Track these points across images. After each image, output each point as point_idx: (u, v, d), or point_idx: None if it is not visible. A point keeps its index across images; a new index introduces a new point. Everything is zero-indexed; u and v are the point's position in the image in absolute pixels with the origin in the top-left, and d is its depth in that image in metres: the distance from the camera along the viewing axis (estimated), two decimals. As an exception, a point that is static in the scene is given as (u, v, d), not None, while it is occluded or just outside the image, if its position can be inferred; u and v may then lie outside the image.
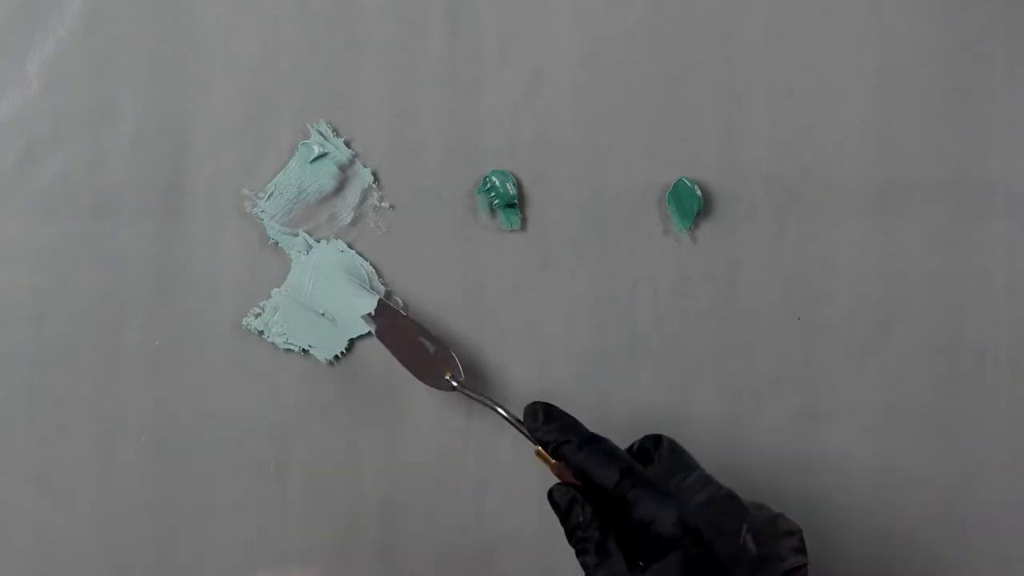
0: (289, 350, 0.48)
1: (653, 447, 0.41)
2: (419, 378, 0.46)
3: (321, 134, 0.48)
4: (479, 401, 0.45)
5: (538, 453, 0.41)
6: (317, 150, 0.48)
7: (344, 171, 0.48)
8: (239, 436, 0.48)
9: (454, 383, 0.46)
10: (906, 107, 0.49)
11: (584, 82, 0.49)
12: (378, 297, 0.47)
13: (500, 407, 0.44)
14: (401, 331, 0.46)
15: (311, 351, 0.48)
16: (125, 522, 0.48)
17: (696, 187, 0.48)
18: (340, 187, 0.48)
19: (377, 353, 0.48)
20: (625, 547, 0.37)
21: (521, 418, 0.42)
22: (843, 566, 0.49)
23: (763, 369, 0.49)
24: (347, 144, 0.48)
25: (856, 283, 0.49)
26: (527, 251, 0.49)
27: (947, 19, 0.49)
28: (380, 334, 0.46)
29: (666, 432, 0.42)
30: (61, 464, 0.48)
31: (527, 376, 0.48)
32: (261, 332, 0.48)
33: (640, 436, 0.42)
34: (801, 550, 0.38)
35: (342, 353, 0.48)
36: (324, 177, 0.48)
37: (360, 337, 0.48)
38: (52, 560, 0.48)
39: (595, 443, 0.39)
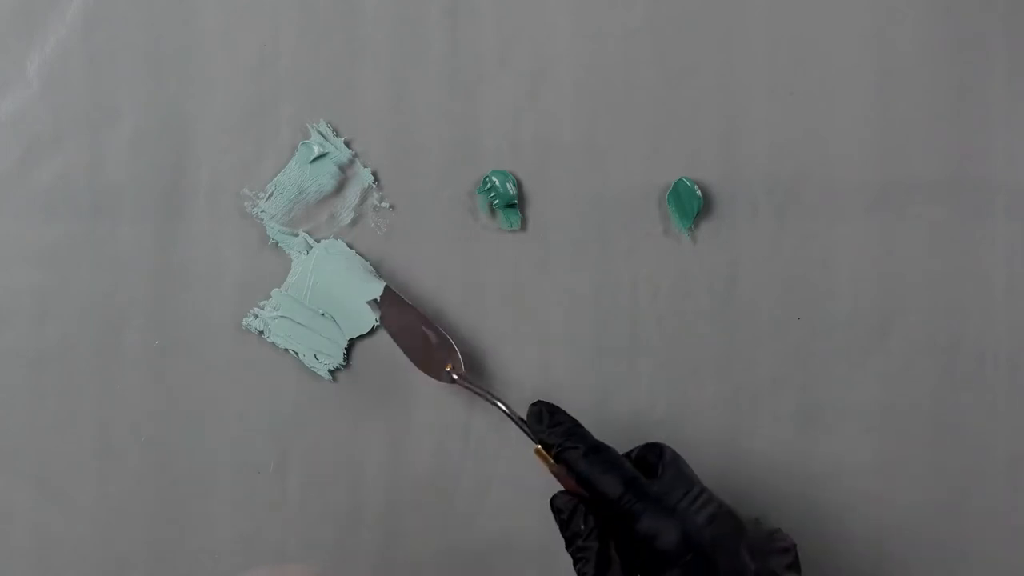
0: (289, 350, 0.48)
1: (655, 458, 0.40)
2: (420, 368, 0.46)
3: (321, 134, 0.48)
4: (479, 395, 0.45)
5: (537, 452, 0.41)
6: (317, 150, 0.48)
7: (344, 171, 0.48)
8: (239, 436, 0.48)
9: (455, 375, 0.46)
10: (906, 107, 0.49)
11: (584, 82, 0.49)
12: (384, 283, 0.47)
13: (500, 402, 0.44)
14: (405, 320, 0.46)
15: (313, 369, 0.48)
16: (125, 522, 0.48)
17: (696, 187, 0.48)
18: (340, 187, 0.48)
19: (377, 353, 0.48)
20: (624, 558, 0.37)
21: (521, 414, 0.42)
22: (843, 566, 0.49)
23: (763, 369, 0.49)
24: (347, 144, 0.48)
25: (856, 283, 0.49)
26: (527, 251, 0.49)
27: (947, 19, 0.49)
28: (384, 321, 0.46)
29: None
30: (61, 464, 0.48)
31: (527, 376, 0.48)
32: (261, 332, 0.48)
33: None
34: (795, 566, 0.38)
35: (342, 365, 0.48)
36: (324, 177, 0.48)
37: (361, 337, 0.48)
38: (52, 560, 0.48)
39: (600, 452, 0.39)
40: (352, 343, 0.48)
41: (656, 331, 0.49)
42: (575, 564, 0.38)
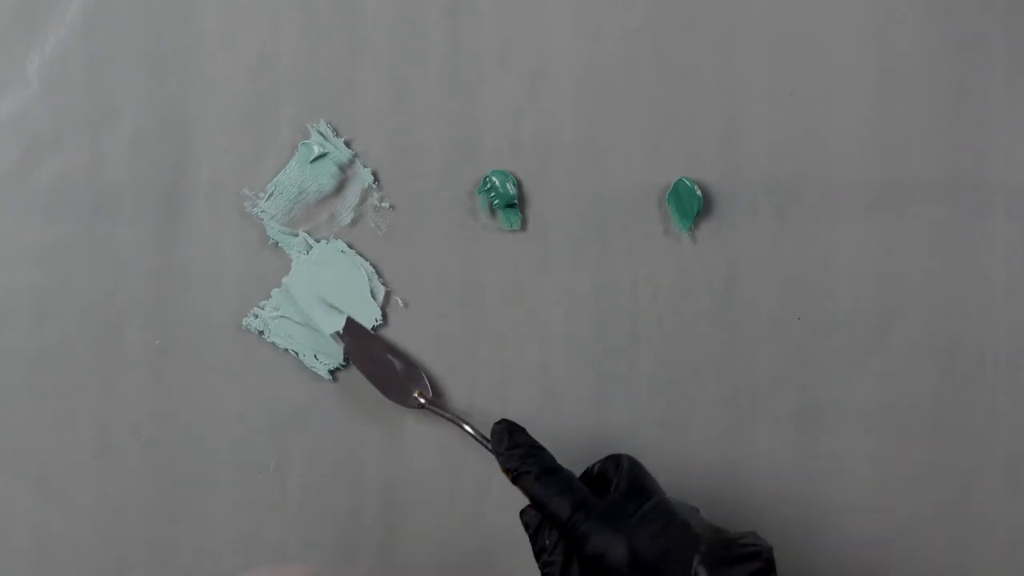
0: (289, 350, 0.48)
1: (613, 468, 0.40)
2: (387, 396, 0.47)
3: (321, 134, 0.48)
4: (447, 418, 0.46)
5: (504, 471, 0.41)
6: (317, 150, 0.48)
7: (344, 171, 0.48)
8: (239, 436, 0.48)
9: (422, 400, 0.46)
10: (906, 107, 0.49)
11: (584, 82, 0.49)
12: (346, 316, 0.47)
13: (467, 424, 0.45)
14: (369, 349, 0.47)
15: (313, 369, 0.48)
16: (125, 522, 0.48)
17: (696, 187, 0.48)
18: (340, 187, 0.48)
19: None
20: (583, 574, 0.37)
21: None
22: (843, 566, 0.49)
23: (763, 369, 0.49)
24: (347, 144, 0.48)
25: (856, 283, 0.49)
26: (527, 251, 0.49)
27: (947, 19, 0.49)
28: (349, 353, 0.47)
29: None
30: (61, 464, 0.48)
31: (527, 375, 0.48)
32: (261, 332, 0.48)
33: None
34: (762, 572, 0.37)
35: (342, 365, 0.48)
36: (324, 177, 0.48)
37: (360, 337, 0.48)
38: (52, 560, 0.48)
39: (552, 474, 0.39)
40: (352, 343, 0.48)
41: (656, 331, 0.49)
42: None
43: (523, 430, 0.42)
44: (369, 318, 0.48)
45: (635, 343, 0.49)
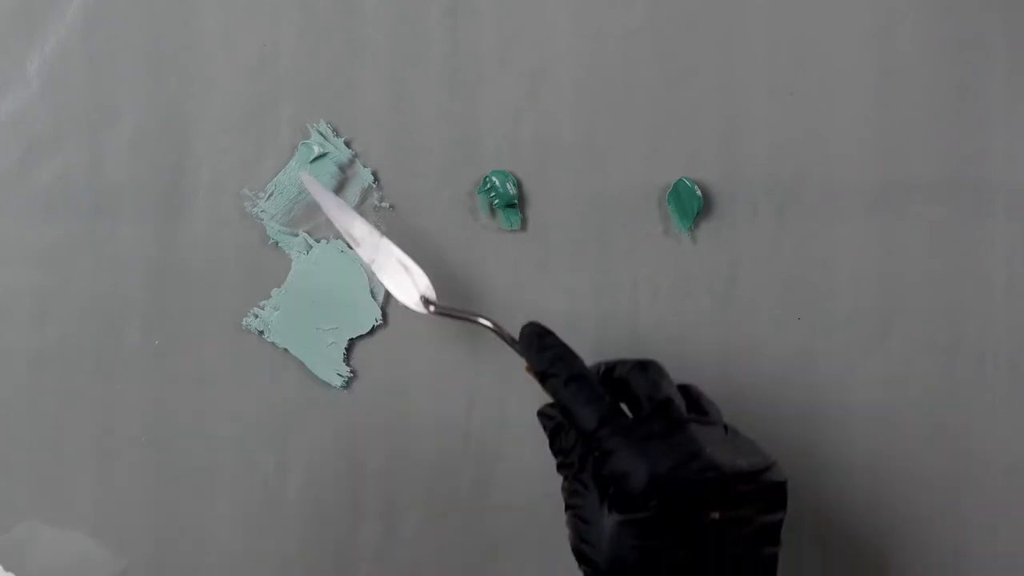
0: (288, 350, 0.48)
1: (640, 380, 0.39)
2: (397, 297, 0.45)
3: (321, 134, 0.48)
4: (460, 317, 0.44)
5: (527, 369, 0.41)
6: (317, 150, 0.48)
7: (344, 171, 0.48)
8: (239, 436, 0.48)
9: (431, 306, 0.45)
10: (906, 107, 0.49)
11: (584, 82, 0.49)
12: (361, 218, 0.46)
13: (481, 318, 0.43)
14: (379, 253, 0.46)
15: (313, 368, 0.48)
16: (125, 522, 0.48)
17: (696, 187, 0.48)
18: (340, 187, 0.48)
19: (378, 353, 0.48)
20: (599, 488, 0.37)
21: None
22: (843, 566, 0.49)
23: (763, 369, 0.49)
24: (347, 144, 0.48)
25: (856, 283, 0.49)
26: (527, 251, 0.49)
27: (947, 19, 0.49)
28: (363, 254, 0.46)
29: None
30: (61, 464, 0.48)
31: (527, 375, 0.48)
32: (261, 332, 0.48)
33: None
34: (774, 507, 0.37)
35: (342, 365, 0.48)
36: (324, 177, 0.48)
37: (361, 337, 0.48)
38: (52, 560, 0.48)
39: (580, 381, 0.38)
40: (352, 343, 0.48)
41: (656, 331, 0.49)
42: (562, 483, 0.38)
43: (552, 333, 0.41)
44: (369, 318, 0.48)
45: (635, 343, 0.49)
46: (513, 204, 0.48)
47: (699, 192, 0.48)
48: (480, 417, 0.48)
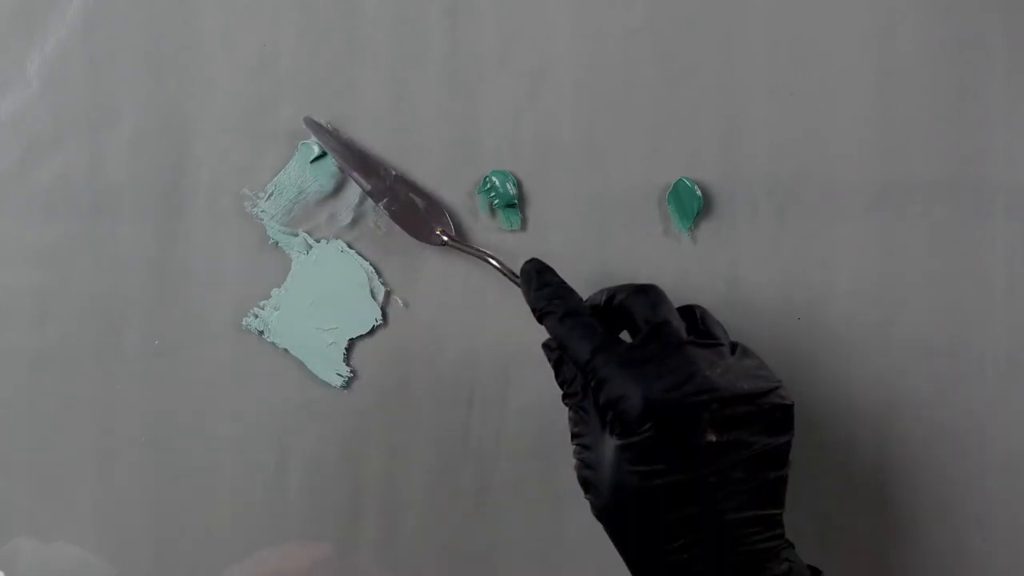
0: (288, 350, 0.48)
1: (641, 304, 0.39)
2: (412, 235, 0.47)
3: (321, 134, 0.48)
4: (472, 253, 0.46)
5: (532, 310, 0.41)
6: (317, 150, 0.48)
7: (344, 171, 0.48)
8: (239, 436, 0.48)
9: (444, 237, 0.46)
10: (906, 107, 0.49)
11: (584, 82, 0.49)
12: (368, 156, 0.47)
13: (493, 259, 0.45)
14: (392, 191, 0.47)
15: (314, 369, 0.48)
16: (125, 522, 0.48)
17: (696, 187, 0.48)
18: (340, 187, 0.48)
19: (378, 353, 0.48)
20: (600, 417, 0.37)
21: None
22: (843, 567, 0.49)
23: (763, 369, 0.49)
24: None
25: (856, 283, 0.49)
26: (527, 251, 0.49)
27: (947, 19, 0.49)
28: (373, 195, 0.47)
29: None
30: (61, 464, 0.48)
31: (527, 375, 0.48)
32: (261, 332, 0.48)
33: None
34: (776, 430, 0.37)
35: (343, 365, 0.48)
36: (324, 177, 0.48)
37: (361, 337, 0.48)
38: (52, 560, 0.47)
39: (575, 316, 0.39)
40: (352, 343, 0.48)
41: (656, 331, 0.49)
42: (568, 414, 0.39)
43: (551, 270, 0.42)
44: (369, 318, 0.48)
45: (635, 343, 0.49)
46: (513, 204, 0.48)
47: (699, 192, 0.48)
48: (480, 417, 0.48)
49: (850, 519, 0.49)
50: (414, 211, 0.47)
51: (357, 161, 0.47)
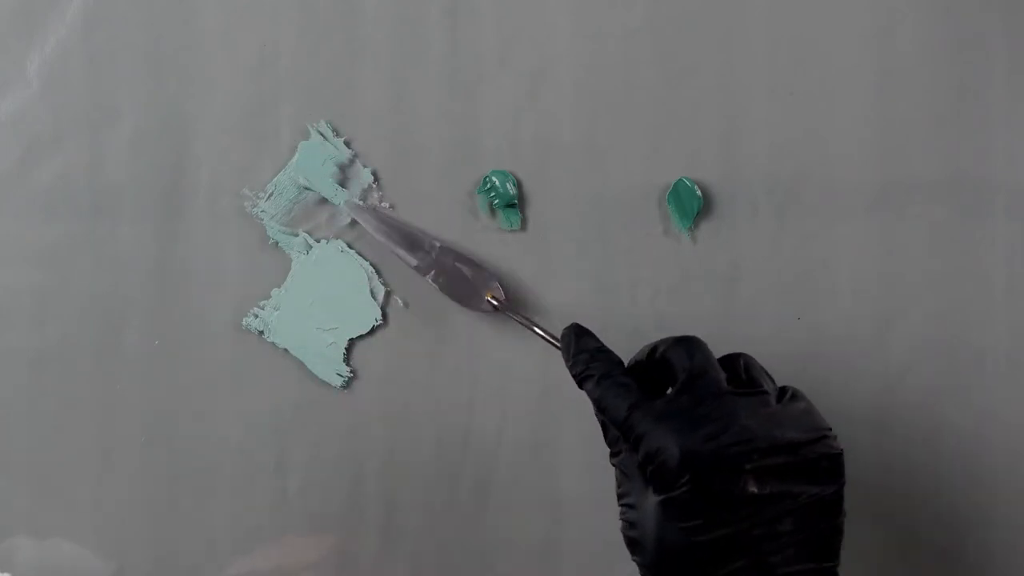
0: (288, 350, 0.48)
1: (679, 355, 0.39)
2: (461, 304, 0.47)
3: (321, 134, 0.48)
4: (520, 322, 0.46)
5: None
6: (317, 153, 0.48)
7: (344, 171, 0.48)
8: (239, 436, 0.48)
9: (495, 303, 0.46)
10: (906, 107, 0.49)
11: (584, 82, 0.49)
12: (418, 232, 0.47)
13: (538, 327, 0.45)
14: (439, 263, 0.47)
15: (314, 369, 0.48)
16: (125, 522, 0.48)
17: (696, 187, 0.48)
18: (340, 187, 0.48)
19: (377, 353, 0.48)
20: (642, 468, 0.37)
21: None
22: (842, 567, 0.49)
23: (763, 369, 0.49)
24: (347, 144, 0.48)
25: (856, 283, 0.49)
26: (527, 251, 0.49)
27: (947, 19, 0.49)
28: (420, 269, 0.47)
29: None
30: (61, 464, 0.48)
31: (527, 375, 0.48)
32: (261, 332, 0.48)
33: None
34: (824, 480, 0.36)
35: (343, 365, 0.48)
36: (324, 177, 0.48)
37: (361, 337, 0.48)
38: (52, 560, 0.47)
39: (609, 377, 0.39)
40: (352, 343, 0.48)
41: (656, 331, 0.49)
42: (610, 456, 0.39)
43: (590, 334, 0.42)
44: (369, 318, 0.48)
45: (635, 343, 0.49)
46: (513, 204, 0.48)
47: (699, 192, 0.48)
48: (480, 417, 0.48)
49: (848, 518, 0.49)
50: (462, 280, 0.47)
51: (401, 238, 0.47)
